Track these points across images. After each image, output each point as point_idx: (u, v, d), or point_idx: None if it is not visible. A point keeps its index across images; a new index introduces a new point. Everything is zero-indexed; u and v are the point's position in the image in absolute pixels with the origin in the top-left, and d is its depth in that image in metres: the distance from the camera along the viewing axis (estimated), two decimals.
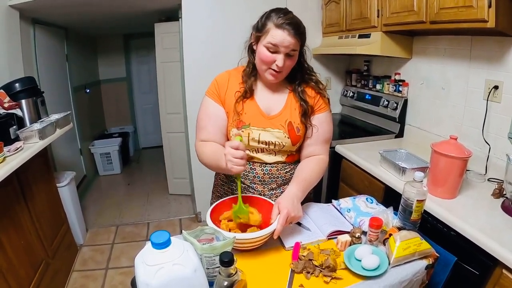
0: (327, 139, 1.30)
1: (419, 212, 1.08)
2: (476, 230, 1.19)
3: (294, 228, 1.15)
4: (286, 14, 1.11)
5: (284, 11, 1.12)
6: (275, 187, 1.30)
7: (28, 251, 1.85)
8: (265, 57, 1.12)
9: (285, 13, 1.11)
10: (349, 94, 2.82)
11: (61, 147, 3.17)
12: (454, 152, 1.36)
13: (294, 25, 1.09)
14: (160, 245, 0.71)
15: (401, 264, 0.98)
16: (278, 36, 1.09)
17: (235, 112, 1.21)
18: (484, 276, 1.17)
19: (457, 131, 1.84)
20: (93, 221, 3.20)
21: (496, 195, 1.43)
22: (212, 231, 0.94)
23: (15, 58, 2.42)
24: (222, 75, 1.28)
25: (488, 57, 1.67)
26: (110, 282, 2.36)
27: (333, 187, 2.25)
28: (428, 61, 2.07)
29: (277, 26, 1.09)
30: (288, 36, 1.08)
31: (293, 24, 1.09)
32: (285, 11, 1.12)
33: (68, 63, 3.66)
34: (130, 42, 4.98)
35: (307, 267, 0.95)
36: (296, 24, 1.10)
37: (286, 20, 1.08)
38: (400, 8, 1.87)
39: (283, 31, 1.08)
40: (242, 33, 1.29)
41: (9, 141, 1.77)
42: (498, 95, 1.62)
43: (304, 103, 1.22)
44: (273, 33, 1.09)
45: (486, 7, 1.34)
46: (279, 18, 1.09)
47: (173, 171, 3.64)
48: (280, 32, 1.08)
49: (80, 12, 2.97)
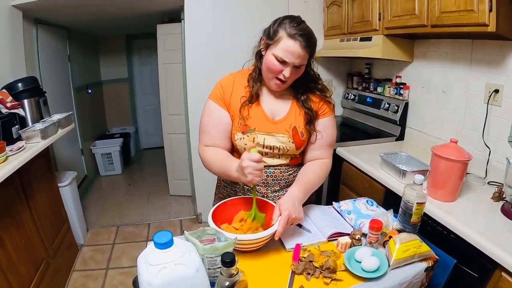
0: (331, 144, 1.30)
1: (419, 215, 1.08)
2: (476, 233, 1.19)
3: (294, 230, 1.16)
4: (299, 24, 1.08)
5: (298, 20, 1.10)
6: (278, 189, 1.30)
7: (29, 250, 1.86)
8: (273, 66, 1.11)
9: (299, 22, 1.09)
10: (350, 97, 2.83)
11: (62, 147, 3.18)
12: (454, 155, 1.37)
13: (306, 36, 1.07)
14: (163, 245, 0.71)
15: (400, 266, 0.98)
16: (289, 47, 1.07)
17: (241, 116, 1.21)
18: (483, 278, 1.17)
19: (457, 135, 1.84)
20: (93, 221, 3.21)
21: (496, 199, 1.44)
22: (214, 232, 0.95)
23: (18, 58, 2.43)
24: (227, 78, 1.28)
25: (488, 61, 1.68)
26: (110, 282, 2.36)
27: (333, 189, 2.26)
28: (429, 64, 2.08)
29: (290, 36, 1.07)
30: (299, 48, 1.07)
31: (305, 36, 1.07)
32: (298, 20, 1.10)
33: (70, 63, 3.68)
34: (132, 43, 5.00)
35: (308, 269, 0.96)
36: (309, 36, 1.08)
37: (299, 31, 1.06)
38: (401, 11, 1.87)
39: (295, 41, 1.06)
40: (245, 35, 1.30)
41: (12, 141, 1.78)
42: (498, 98, 1.63)
43: (309, 111, 1.22)
44: (284, 42, 1.07)
45: (487, 11, 1.35)
46: (292, 27, 1.07)
47: (174, 172, 3.65)
48: (292, 42, 1.07)
49: (82, 13, 2.99)
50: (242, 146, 1.23)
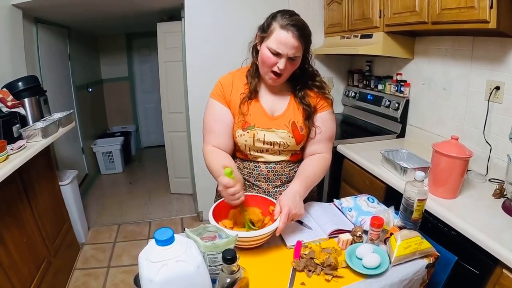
0: (330, 137, 1.30)
1: (420, 212, 1.08)
2: (477, 230, 1.19)
3: (295, 227, 1.16)
4: (291, 16, 1.10)
5: (290, 13, 1.11)
6: (280, 185, 1.31)
7: (31, 249, 1.86)
8: (267, 58, 1.12)
9: (291, 14, 1.10)
10: (351, 94, 2.82)
11: (63, 145, 3.19)
12: (455, 152, 1.37)
13: (299, 27, 1.08)
14: (164, 242, 0.71)
15: (402, 263, 0.98)
16: (282, 38, 1.08)
17: (240, 113, 1.22)
18: (485, 275, 1.18)
19: (458, 132, 1.84)
20: (95, 219, 3.21)
21: (496, 196, 1.44)
22: (215, 229, 0.95)
23: (18, 57, 2.43)
24: (226, 77, 1.28)
25: (489, 57, 1.67)
26: (112, 280, 2.37)
27: (334, 187, 2.26)
28: (430, 61, 2.08)
29: (282, 26, 1.08)
30: (292, 38, 1.07)
31: (298, 26, 1.08)
32: (291, 13, 1.11)
33: (70, 62, 3.67)
34: (132, 42, 5.00)
35: (309, 265, 0.96)
36: (302, 26, 1.09)
37: (291, 22, 1.07)
38: (402, 8, 1.87)
39: (288, 32, 1.07)
40: (245, 33, 1.30)
41: (12, 140, 1.78)
42: (499, 95, 1.63)
43: (307, 107, 1.22)
44: (277, 34, 1.08)
45: (488, 8, 1.34)
46: (284, 18, 1.08)
47: (174, 170, 3.65)
48: (284, 33, 1.07)
49: (82, 11, 2.98)
50: (242, 143, 1.23)
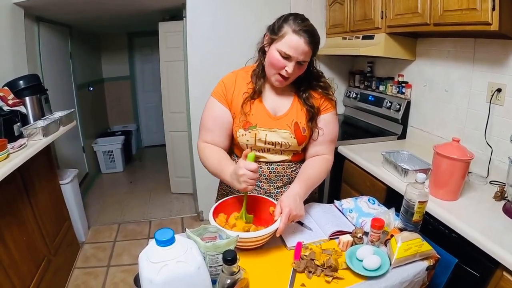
0: (332, 139, 1.30)
1: (420, 214, 1.08)
2: (477, 232, 1.19)
3: (296, 228, 1.16)
4: (304, 21, 1.10)
5: (302, 18, 1.12)
6: (281, 185, 1.31)
7: (31, 248, 1.86)
8: (277, 61, 1.12)
9: (303, 19, 1.11)
10: (352, 95, 2.82)
11: (64, 144, 3.19)
12: (456, 154, 1.37)
13: (310, 33, 1.09)
14: (164, 243, 0.71)
15: (402, 265, 0.98)
16: (293, 42, 1.08)
17: (242, 112, 1.21)
18: (485, 278, 1.17)
19: (459, 133, 1.84)
20: (95, 218, 3.21)
21: (497, 198, 1.43)
22: (215, 230, 0.94)
23: (20, 56, 2.44)
24: (229, 76, 1.28)
25: (491, 59, 1.67)
26: (111, 279, 2.37)
27: (335, 188, 2.26)
28: (432, 63, 2.07)
29: (294, 31, 1.08)
30: (303, 44, 1.08)
31: (310, 32, 1.09)
32: (302, 18, 1.12)
33: (72, 61, 3.68)
34: (134, 41, 5.00)
35: (309, 267, 0.96)
36: (313, 32, 1.10)
37: (303, 27, 1.08)
38: (404, 10, 1.87)
39: (300, 37, 1.07)
40: (246, 32, 1.30)
41: (13, 138, 1.78)
42: (501, 98, 1.62)
43: (311, 109, 1.22)
44: (289, 37, 1.08)
45: (490, 10, 1.34)
46: (297, 23, 1.08)
47: (175, 170, 3.65)
48: (297, 38, 1.08)
49: (84, 10, 2.98)
50: (244, 142, 1.23)
